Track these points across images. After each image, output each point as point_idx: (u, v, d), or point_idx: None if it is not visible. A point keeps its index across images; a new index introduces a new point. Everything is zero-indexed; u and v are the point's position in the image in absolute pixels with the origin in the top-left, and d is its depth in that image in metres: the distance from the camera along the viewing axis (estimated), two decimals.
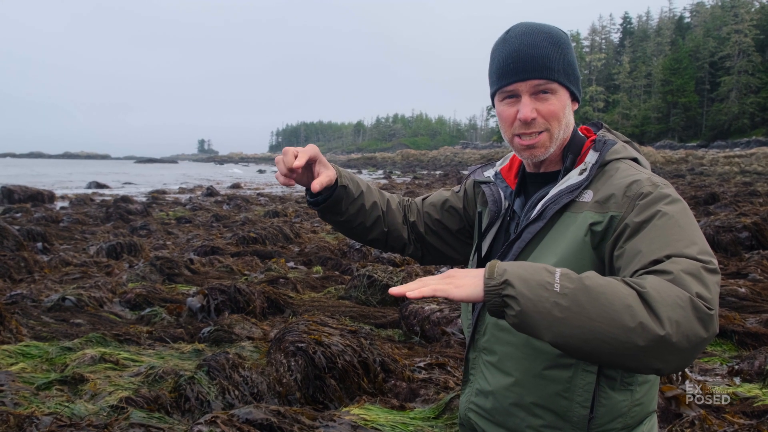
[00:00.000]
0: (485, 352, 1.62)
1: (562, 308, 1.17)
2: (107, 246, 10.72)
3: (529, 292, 1.19)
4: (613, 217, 1.40)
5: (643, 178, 1.43)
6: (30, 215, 16.19)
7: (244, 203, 21.79)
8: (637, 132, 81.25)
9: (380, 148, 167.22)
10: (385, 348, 5.05)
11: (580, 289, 1.18)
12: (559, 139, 1.55)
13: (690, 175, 39.09)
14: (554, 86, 1.51)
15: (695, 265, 1.23)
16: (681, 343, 1.14)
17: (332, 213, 1.79)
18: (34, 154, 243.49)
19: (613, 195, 1.43)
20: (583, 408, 1.45)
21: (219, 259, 10.05)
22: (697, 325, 1.15)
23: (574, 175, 1.52)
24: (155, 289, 7.54)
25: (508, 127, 1.57)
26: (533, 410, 1.51)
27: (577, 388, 1.45)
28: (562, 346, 1.20)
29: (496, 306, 1.23)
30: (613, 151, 1.53)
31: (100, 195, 27.75)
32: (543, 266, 1.25)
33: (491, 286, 1.22)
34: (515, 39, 1.53)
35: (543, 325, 1.19)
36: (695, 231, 1.33)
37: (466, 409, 1.69)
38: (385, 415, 3.97)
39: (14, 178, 39.56)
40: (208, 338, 5.70)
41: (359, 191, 1.79)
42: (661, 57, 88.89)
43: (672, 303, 1.15)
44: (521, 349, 1.51)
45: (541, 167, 1.63)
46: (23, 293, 7.16)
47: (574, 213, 1.47)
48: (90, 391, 4.44)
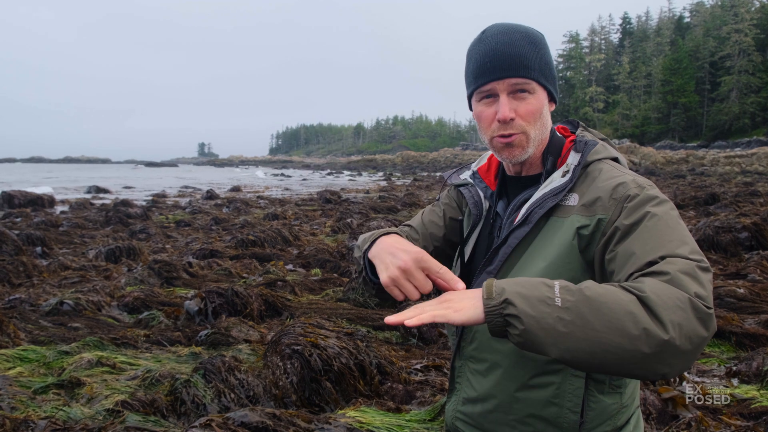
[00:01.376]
0: (472, 360, 1.60)
1: (566, 323, 1.15)
2: (106, 250, 10.71)
3: (531, 309, 1.17)
4: (600, 220, 1.39)
5: (629, 180, 1.42)
6: (30, 220, 16.18)
7: (244, 206, 21.77)
8: (638, 132, 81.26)
9: (380, 150, 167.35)
10: (381, 350, 5.05)
11: (581, 301, 1.16)
12: (538, 139, 1.53)
13: (690, 175, 39.09)
14: (532, 85, 1.50)
15: (690, 264, 1.22)
16: (684, 345, 1.13)
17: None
18: (35, 159, 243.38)
19: (599, 198, 1.42)
20: (573, 413, 1.45)
21: (218, 262, 10.04)
22: (697, 325, 1.14)
23: (557, 177, 1.50)
24: (153, 293, 7.54)
25: (486, 128, 1.54)
26: (523, 418, 1.50)
27: (567, 393, 1.45)
28: (569, 361, 1.18)
29: (498, 326, 1.20)
30: (595, 152, 1.52)
31: (100, 199, 27.75)
32: (540, 280, 1.22)
33: (491, 306, 1.20)
34: (491, 38, 1.51)
35: (548, 342, 1.16)
36: (684, 231, 1.33)
37: (453, 418, 1.68)
38: (380, 418, 3.97)
39: (18, 183, 39.56)
40: (205, 341, 5.69)
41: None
42: (661, 57, 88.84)
43: (672, 305, 1.14)
44: (509, 357, 1.50)
45: (522, 170, 1.62)
46: (21, 297, 7.16)
47: (560, 218, 1.45)
48: (87, 395, 4.43)
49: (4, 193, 21.51)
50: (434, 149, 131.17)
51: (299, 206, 21.76)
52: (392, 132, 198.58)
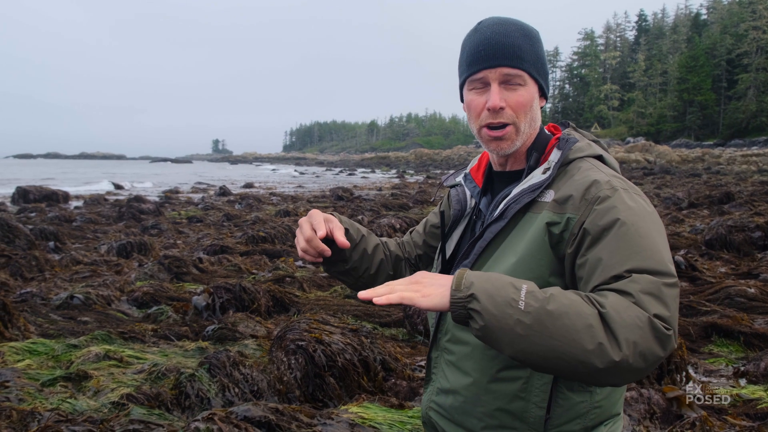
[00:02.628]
0: (446, 352, 1.61)
1: (525, 326, 1.19)
2: (117, 245, 10.79)
3: (494, 308, 1.21)
4: (570, 219, 1.39)
5: (603, 180, 1.41)
6: (44, 215, 16.33)
7: (256, 202, 21.86)
8: (653, 131, 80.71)
9: (394, 147, 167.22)
10: (386, 347, 5.05)
11: (544, 309, 1.20)
12: (526, 133, 1.54)
13: (706, 174, 38.72)
14: (524, 77, 1.50)
15: (655, 283, 1.25)
16: (637, 362, 1.18)
17: (338, 261, 1.76)
18: (51, 155, 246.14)
19: (571, 196, 1.41)
20: (539, 408, 1.44)
21: (228, 258, 10.09)
22: (654, 344, 1.19)
23: (538, 174, 1.50)
24: (162, 288, 7.59)
25: (475, 118, 1.55)
26: (490, 411, 1.50)
27: (534, 388, 1.44)
28: (522, 361, 1.24)
29: (461, 317, 1.26)
30: (577, 149, 1.52)
31: (114, 195, 27.99)
32: (510, 281, 1.26)
33: (457, 298, 1.25)
34: (487, 29, 1.53)
35: (505, 341, 1.22)
36: (656, 239, 1.33)
37: (428, 408, 1.68)
38: (383, 414, 3.97)
39: (31, 179, 39.97)
40: (212, 336, 5.72)
41: (360, 235, 1.78)
42: (677, 55, 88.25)
43: (631, 324, 1.18)
44: (479, 349, 1.50)
45: (507, 165, 1.62)
46: (33, 291, 7.23)
47: (534, 213, 1.46)
48: (93, 388, 4.47)
49: (19, 189, 21.74)
50: (448, 147, 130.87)
51: (311, 203, 21.80)
52: (406, 129, 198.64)
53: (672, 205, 18.31)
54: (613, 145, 67.30)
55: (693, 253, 9.73)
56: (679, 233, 11.64)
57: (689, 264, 8.27)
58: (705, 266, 8.60)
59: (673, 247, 10.20)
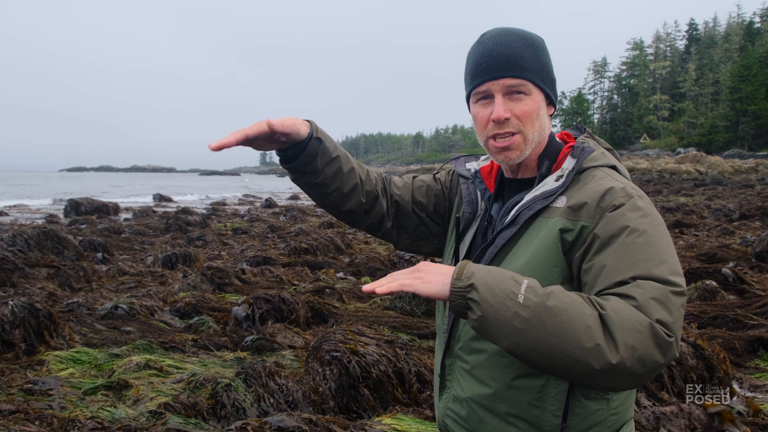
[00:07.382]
0: (460, 360, 1.60)
1: (522, 320, 1.20)
2: (163, 256, 10.99)
3: (493, 299, 1.22)
4: (584, 227, 1.38)
5: (618, 187, 1.39)
6: (94, 226, 16.78)
7: (300, 214, 22.07)
8: (704, 141, 78.75)
9: (439, 159, 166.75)
10: (422, 358, 5.02)
11: (543, 304, 1.20)
12: (534, 142, 1.52)
13: (759, 185, 37.66)
14: (528, 87, 1.49)
15: (662, 289, 1.23)
16: (635, 367, 1.16)
17: (307, 172, 1.64)
18: (103, 168, 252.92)
19: (586, 204, 1.40)
20: (554, 417, 1.43)
21: (270, 269, 10.18)
22: (654, 350, 1.17)
23: (550, 181, 1.49)
24: (204, 299, 7.70)
25: (482, 130, 1.54)
26: (506, 418, 1.48)
27: (549, 397, 1.43)
28: (518, 356, 1.23)
29: (460, 307, 1.27)
30: (592, 158, 1.50)
31: (162, 207, 28.59)
32: (511, 275, 1.26)
33: (457, 287, 1.26)
34: (489, 40, 1.52)
35: (501, 333, 1.22)
36: (665, 248, 1.31)
37: (443, 416, 1.67)
38: (417, 426, 3.95)
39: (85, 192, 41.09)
40: (250, 347, 5.78)
41: (336, 153, 1.66)
42: (730, 64, 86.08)
43: (630, 327, 1.17)
44: (494, 357, 1.49)
45: (519, 173, 1.61)
46: (79, 302, 7.41)
47: (545, 218, 1.44)
48: (133, 397, 4.56)
49: (71, 201, 22.39)
50: None
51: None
52: (452, 141, 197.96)
53: (722, 216, 17.87)
54: (662, 155, 65.95)
55: (742, 266, 9.45)
56: (728, 245, 11.31)
57: (737, 276, 8.03)
58: (754, 279, 8.33)
59: (721, 260, 9.93)
